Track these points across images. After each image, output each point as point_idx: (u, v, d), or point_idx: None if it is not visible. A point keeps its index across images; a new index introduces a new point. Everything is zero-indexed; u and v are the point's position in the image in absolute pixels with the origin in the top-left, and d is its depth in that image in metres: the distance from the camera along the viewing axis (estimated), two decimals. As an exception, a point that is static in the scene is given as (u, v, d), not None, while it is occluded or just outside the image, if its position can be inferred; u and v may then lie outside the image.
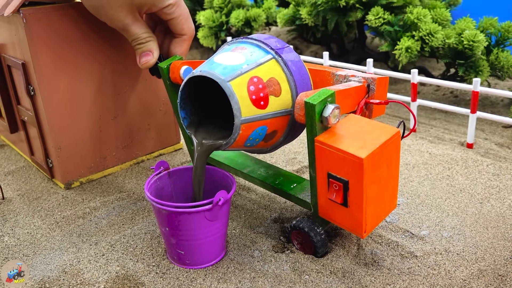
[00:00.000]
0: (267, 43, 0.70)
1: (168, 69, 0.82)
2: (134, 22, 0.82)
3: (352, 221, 0.66)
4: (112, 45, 0.94)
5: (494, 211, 0.83)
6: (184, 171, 0.78)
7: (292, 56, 0.70)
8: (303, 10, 1.41)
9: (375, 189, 0.64)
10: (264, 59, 0.68)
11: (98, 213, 0.88)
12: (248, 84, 0.65)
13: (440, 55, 1.26)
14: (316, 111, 0.62)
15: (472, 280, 0.68)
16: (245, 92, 0.65)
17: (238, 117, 0.64)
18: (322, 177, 0.67)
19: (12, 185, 0.99)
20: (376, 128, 0.65)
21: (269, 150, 0.76)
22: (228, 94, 0.64)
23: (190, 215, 0.67)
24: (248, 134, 0.67)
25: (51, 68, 0.88)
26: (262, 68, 0.67)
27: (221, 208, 0.68)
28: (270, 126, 0.69)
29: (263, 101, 0.66)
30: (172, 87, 0.84)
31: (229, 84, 0.64)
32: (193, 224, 0.68)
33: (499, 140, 1.11)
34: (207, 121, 0.75)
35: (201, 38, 1.72)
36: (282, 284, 0.69)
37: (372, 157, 0.61)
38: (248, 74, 0.66)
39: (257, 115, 0.66)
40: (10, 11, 0.83)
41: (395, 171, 0.68)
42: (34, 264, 0.75)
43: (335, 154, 0.63)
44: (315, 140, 0.65)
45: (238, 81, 0.65)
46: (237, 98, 0.64)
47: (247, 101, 0.65)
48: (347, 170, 0.63)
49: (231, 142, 0.67)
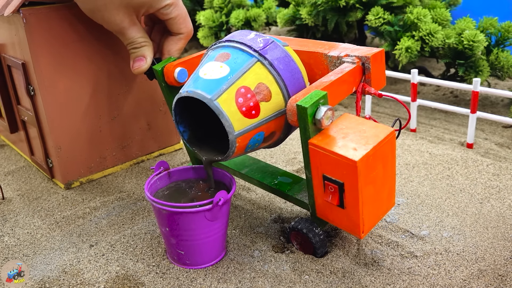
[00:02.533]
0: (250, 45, 0.68)
1: (163, 72, 0.80)
2: (130, 26, 0.82)
3: (350, 222, 0.66)
4: (112, 45, 0.94)
5: (494, 211, 0.83)
6: (184, 171, 0.78)
7: (277, 53, 0.68)
8: (303, 10, 1.41)
9: (371, 190, 0.64)
10: (248, 64, 0.67)
11: (98, 213, 0.88)
12: (236, 97, 0.65)
13: (440, 55, 1.26)
14: (308, 113, 0.62)
15: (472, 280, 0.68)
16: (234, 107, 0.64)
17: (231, 133, 0.64)
18: (317, 178, 0.66)
19: (12, 185, 0.99)
20: (370, 128, 0.64)
21: (272, 146, 0.76)
22: (217, 113, 0.63)
23: (190, 215, 0.67)
24: (246, 144, 0.67)
25: (51, 68, 0.88)
26: (248, 75, 0.66)
27: (221, 208, 0.68)
28: (267, 130, 0.69)
29: (254, 110, 0.65)
30: (167, 89, 0.83)
31: (216, 102, 0.64)
32: (193, 224, 0.68)
33: (499, 140, 1.11)
34: (207, 131, 0.75)
35: (201, 38, 1.72)
36: (282, 284, 0.69)
37: (366, 159, 0.60)
38: (235, 86, 0.65)
39: (251, 125, 0.66)
40: (10, 11, 0.83)
41: (392, 170, 0.67)
42: (34, 264, 0.75)
43: (329, 156, 0.62)
44: (309, 142, 0.64)
45: (225, 96, 0.64)
46: (227, 115, 0.64)
47: (237, 115, 0.64)
48: (341, 173, 0.62)
49: (230, 155, 0.67)
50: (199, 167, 0.78)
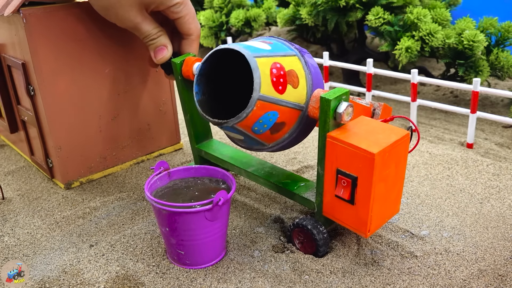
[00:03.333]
0: (291, 43, 0.73)
1: (182, 64, 0.84)
2: (143, 20, 0.83)
3: (357, 219, 0.67)
4: (112, 46, 0.94)
5: (494, 211, 0.83)
6: (184, 171, 0.78)
7: (312, 61, 0.73)
8: (303, 10, 1.41)
9: (383, 188, 0.65)
10: (288, 53, 0.71)
11: (98, 213, 0.88)
12: (272, 66, 0.67)
13: (440, 55, 1.26)
14: (331, 106, 0.65)
15: (472, 280, 0.68)
16: (267, 71, 0.66)
17: (257, 90, 0.65)
18: (330, 173, 0.68)
19: (12, 185, 0.99)
20: (386, 129, 0.67)
21: (269, 147, 0.75)
22: (253, 67, 0.65)
23: (190, 215, 0.67)
24: (260, 115, 0.67)
25: (51, 68, 0.88)
26: (285, 59, 0.69)
27: (221, 208, 0.68)
28: (281, 114, 0.69)
29: (281, 86, 0.68)
30: (183, 82, 0.86)
31: (254, 59, 0.66)
32: (193, 224, 0.68)
33: (499, 140, 1.11)
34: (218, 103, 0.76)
35: (201, 38, 1.72)
36: (282, 284, 0.69)
37: (383, 153, 0.63)
38: (273, 59, 0.68)
39: (274, 97, 0.67)
40: (10, 11, 0.83)
41: (402, 174, 0.69)
42: (34, 264, 0.75)
43: (346, 149, 0.64)
44: (327, 135, 0.66)
45: (263, 60, 0.67)
46: (260, 73, 0.65)
47: (267, 80, 0.66)
48: (357, 166, 0.64)
49: (243, 116, 0.66)
50: (200, 167, 0.78)
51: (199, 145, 0.92)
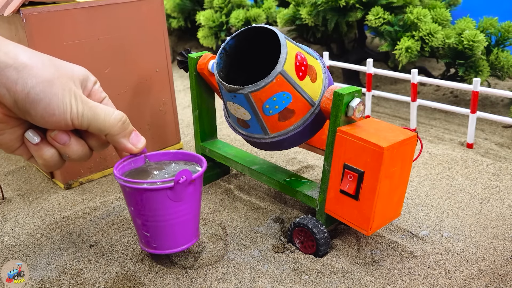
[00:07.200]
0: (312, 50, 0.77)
1: (197, 61, 0.86)
2: None
3: (360, 216, 0.67)
4: (112, 46, 0.94)
5: (494, 211, 0.83)
6: (161, 155, 0.75)
7: (327, 71, 0.76)
8: (303, 10, 1.41)
9: (387, 185, 0.66)
10: (311, 53, 0.74)
11: (98, 213, 0.88)
12: (297, 53, 0.69)
13: (440, 55, 1.26)
14: (344, 101, 0.66)
15: (472, 280, 0.68)
16: (293, 53, 0.68)
17: (281, 63, 0.66)
18: (336, 169, 0.69)
19: (12, 185, 0.99)
20: (395, 129, 0.68)
21: (270, 137, 0.74)
22: (282, 43, 0.67)
23: (152, 193, 0.65)
24: (276, 91, 0.67)
25: (51, 68, 0.88)
26: (308, 56, 0.72)
27: (186, 189, 0.66)
28: (294, 100, 0.69)
29: (302, 73, 0.69)
30: (197, 77, 0.88)
31: (284, 39, 0.68)
32: (156, 204, 0.66)
33: (499, 140, 1.11)
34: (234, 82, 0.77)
35: (201, 38, 1.72)
36: (282, 284, 0.69)
37: (391, 149, 0.63)
38: (299, 49, 0.71)
39: (293, 79, 0.68)
40: (10, 11, 0.83)
41: (406, 176, 0.70)
42: (34, 264, 0.75)
43: (355, 143, 0.65)
44: (338, 130, 0.67)
45: (291, 45, 0.69)
46: (287, 51, 0.67)
47: (292, 61, 0.68)
48: (365, 160, 0.65)
49: (261, 85, 0.66)
50: (178, 152, 0.75)
51: (203, 143, 0.93)
